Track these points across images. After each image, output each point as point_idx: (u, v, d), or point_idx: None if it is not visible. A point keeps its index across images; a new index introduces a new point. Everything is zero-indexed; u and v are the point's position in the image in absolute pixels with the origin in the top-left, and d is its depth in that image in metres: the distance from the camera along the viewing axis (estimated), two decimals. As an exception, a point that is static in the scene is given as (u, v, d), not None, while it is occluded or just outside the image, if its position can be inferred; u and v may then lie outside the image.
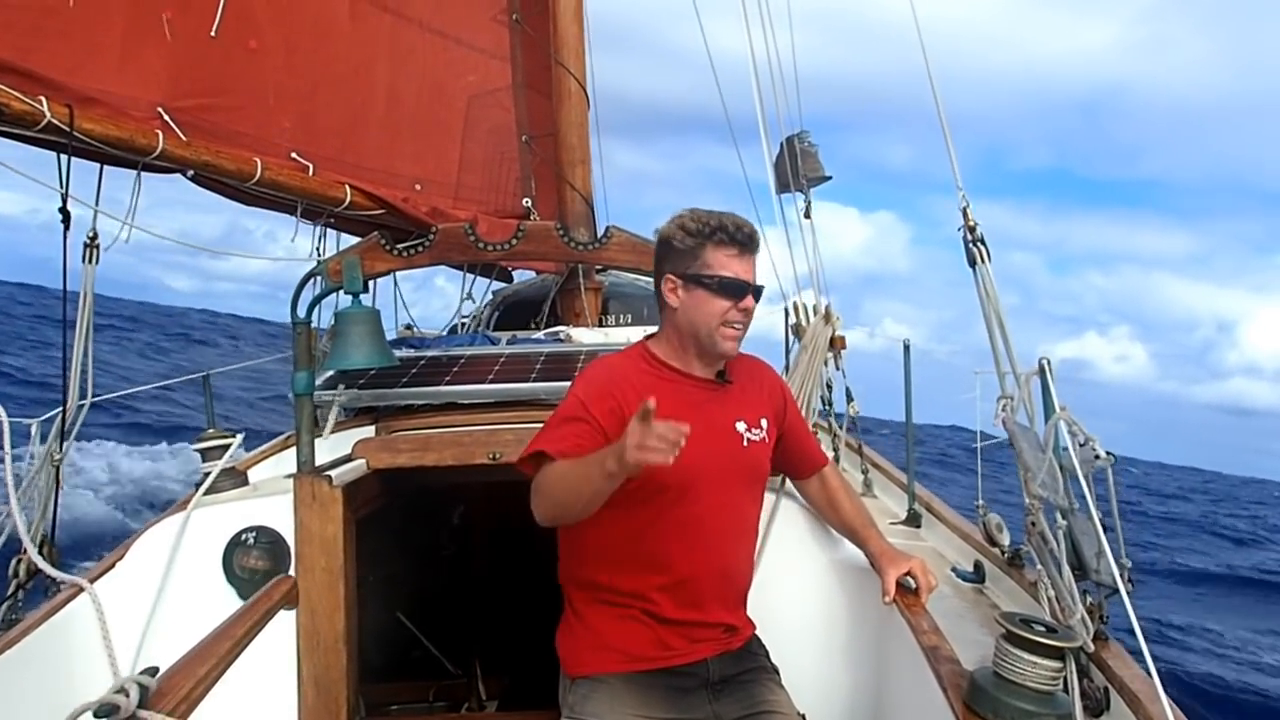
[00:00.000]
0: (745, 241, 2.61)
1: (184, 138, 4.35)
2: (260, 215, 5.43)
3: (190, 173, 4.49)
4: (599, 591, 2.69)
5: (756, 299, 2.65)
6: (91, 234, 4.23)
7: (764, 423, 2.78)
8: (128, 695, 1.78)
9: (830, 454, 4.87)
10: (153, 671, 1.91)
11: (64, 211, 3.79)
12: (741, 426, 2.72)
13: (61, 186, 3.81)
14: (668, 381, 2.66)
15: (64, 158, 3.84)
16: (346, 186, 5.11)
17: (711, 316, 2.60)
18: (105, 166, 4.25)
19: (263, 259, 5.72)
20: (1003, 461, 3.06)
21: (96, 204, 4.25)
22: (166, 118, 4.31)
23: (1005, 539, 3.31)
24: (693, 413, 2.58)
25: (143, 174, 4.35)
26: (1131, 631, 2.15)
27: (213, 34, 4.61)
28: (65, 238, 3.82)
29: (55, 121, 3.70)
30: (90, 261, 4.25)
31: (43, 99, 3.69)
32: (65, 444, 4.01)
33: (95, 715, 1.71)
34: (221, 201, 5.00)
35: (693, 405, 2.61)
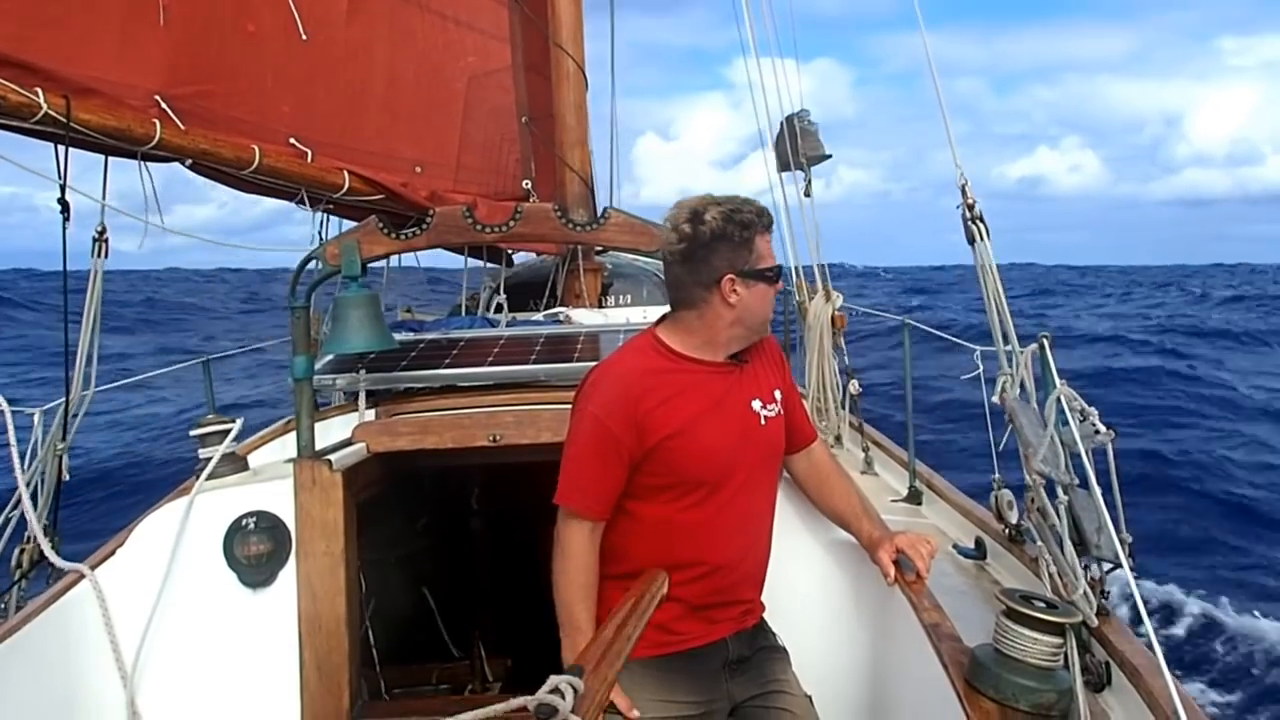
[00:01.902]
0: (771, 224, 2.61)
1: (182, 126, 4.29)
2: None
3: (189, 161, 4.46)
4: (619, 580, 2.65)
5: None
6: (100, 228, 4.22)
7: (777, 395, 2.74)
8: (563, 697, 1.78)
9: (834, 432, 4.91)
10: (575, 671, 1.90)
11: (63, 202, 3.77)
12: (757, 405, 2.67)
13: (60, 177, 3.79)
14: (687, 375, 2.59)
15: (61, 149, 3.82)
16: (345, 172, 5.06)
17: (770, 307, 2.62)
18: (108, 159, 4.23)
19: (277, 250, 5.71)
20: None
21: (104, 197, 4.23)
22: (164, 105, 4.24)
23: (1015, 516, 3.31)
24: (711, 398, 2.60)
25: (144, 163, 4.32)
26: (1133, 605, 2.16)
27: (304, 37, 4.66)
28: (65, 229, 3.81)
29: (52, 113, 3.67)
30: (99, 255, 4.25)
31: (39, 90, 3.65)
32: (69, 434, 4.03)
33: (535, 714, 1.72)
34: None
35: (710, 391, 2.60)
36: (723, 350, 2.63)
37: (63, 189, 3.78)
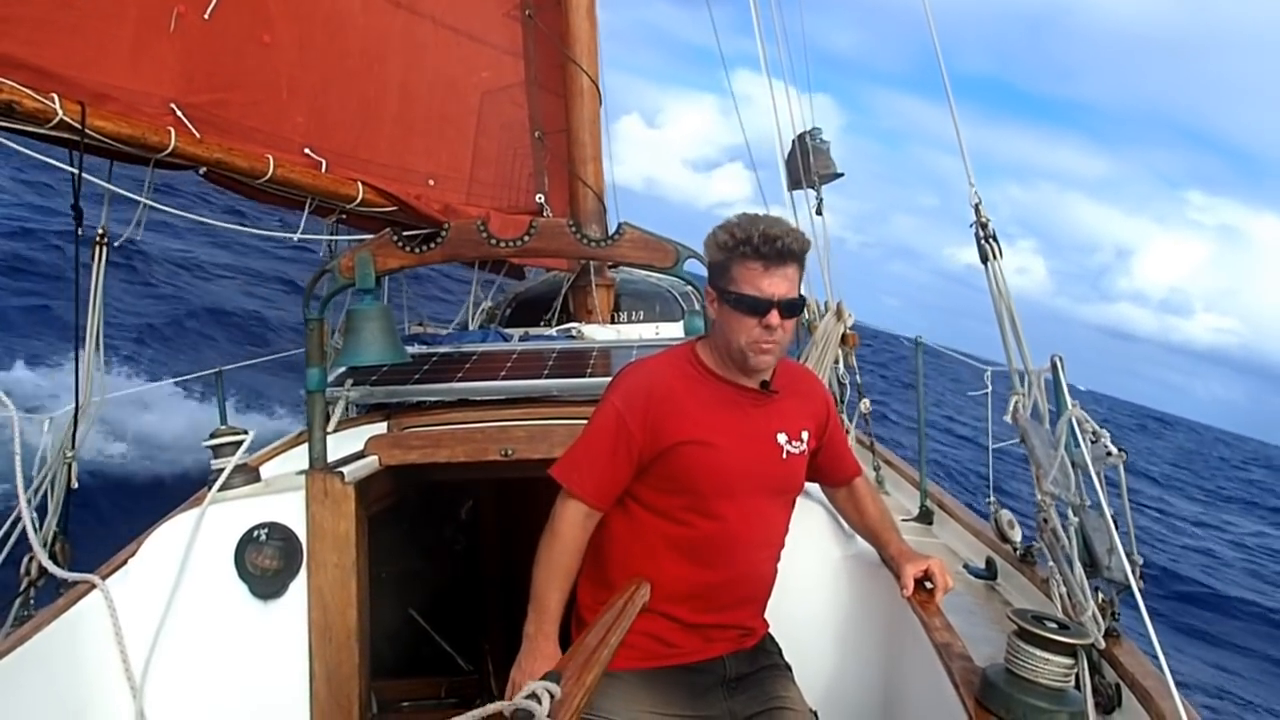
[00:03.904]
0: (771, 254, 2.46)
1: (197, 134, 4.28)
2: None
3: (203, 170, 4.45)
4: (609, 583, 2.69)
5: (786, 313, 2.49)
6: (101, 233, 4.18)
7: (805, 435, 2.74)
8: (540, 702, 1.78)
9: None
10: (553, 677, 1.90)
11: (76, 208, 3.77)
12: (782, 438, 2.67)
13: (74, 182, 3.78)
14: (711, 390, 2.62)
15: (76, 155, 3.81)
16: (359, 184, 5.04)
17: (739, 334, 2.51)
18: (115, 162, 4.20)
19: (283, 237, 5.63)
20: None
21: (106, 206, 4.21)
22: (180, 113, 4.24)
23: (1017, 535, 3.31)
24: (734, 417, 2.61)
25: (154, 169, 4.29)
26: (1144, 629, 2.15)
27: (206, 16, 4.45)
28: (77, 234, 3.81)
29: (67, 119, 3.67)
30: (98, 260, 4.19)
31: (55, 96, 3.65)
32: (78, 441, 4.02)
33: (512, 719, 1.72)
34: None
35: (735, 410, 2.62)
36: (734, 370, 2.63)
37: (76, 194, 3.77)
